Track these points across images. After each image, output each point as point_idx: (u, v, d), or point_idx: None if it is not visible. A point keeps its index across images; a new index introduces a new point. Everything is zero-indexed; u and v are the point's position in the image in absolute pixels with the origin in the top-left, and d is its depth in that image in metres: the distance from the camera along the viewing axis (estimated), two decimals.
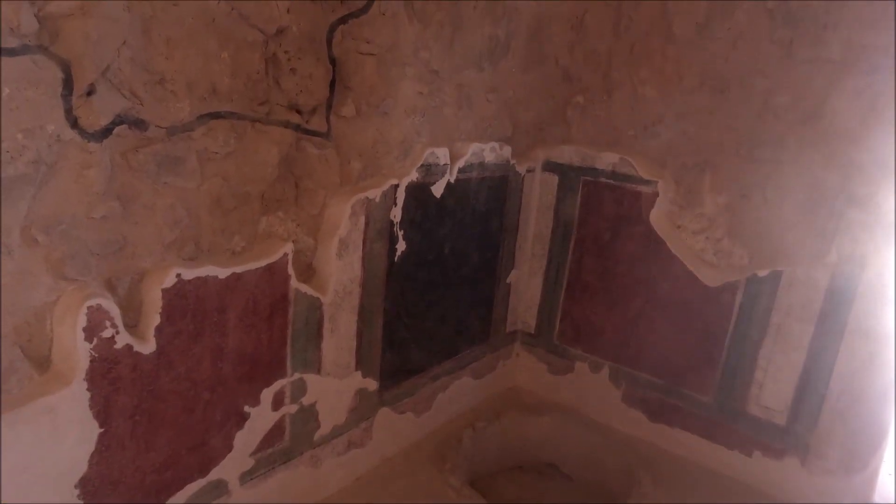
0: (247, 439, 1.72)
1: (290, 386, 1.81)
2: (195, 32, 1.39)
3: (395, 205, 1.97)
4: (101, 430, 1.36)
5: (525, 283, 2.74)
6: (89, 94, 1.25)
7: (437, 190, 2.13)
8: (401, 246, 2.04)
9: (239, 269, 1.57)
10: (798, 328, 2.09)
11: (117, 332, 1.34)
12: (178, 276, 1.44)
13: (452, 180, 2.18)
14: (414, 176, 2.02)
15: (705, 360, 2.31)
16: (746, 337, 2.20)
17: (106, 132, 1.29)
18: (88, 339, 1.29)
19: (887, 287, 1.92)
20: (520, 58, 2.37)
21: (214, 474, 1.66)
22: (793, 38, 2.01)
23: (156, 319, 1.41)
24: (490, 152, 2.33)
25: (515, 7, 2.26)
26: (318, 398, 1.92)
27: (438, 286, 2.28)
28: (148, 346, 1.42)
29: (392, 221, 1.98)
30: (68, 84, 1.21)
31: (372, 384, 2.11)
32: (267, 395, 1.75)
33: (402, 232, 2.02)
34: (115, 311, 1.34)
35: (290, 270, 1.70)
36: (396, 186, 1.96)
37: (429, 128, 2.09)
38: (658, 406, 2.46)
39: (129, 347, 1.37)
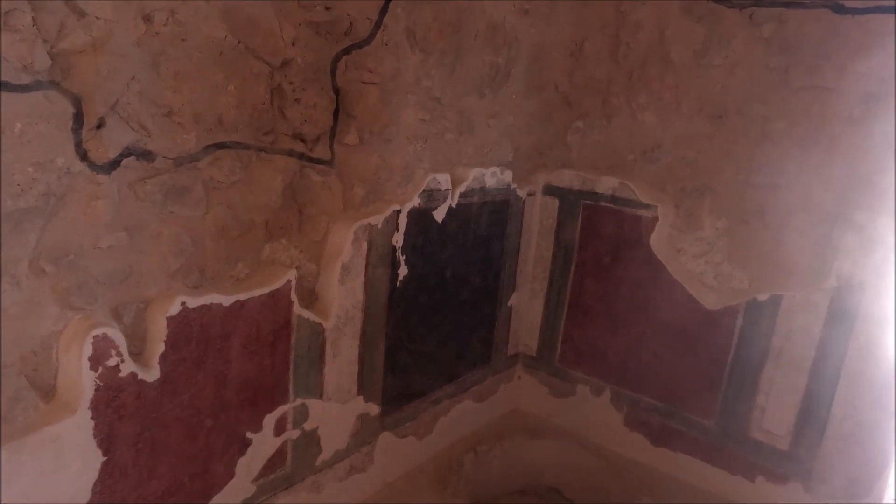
0: (249, 465, 1.72)
1: (293, 411, 1.82)
2: (203, 66, 1.42)
3: (398, 230, 2.00)
4: (105, 458, 1.37)
5: (526, 306, 2.75)
6: (99, 127, 1.28)
7: (439, 215, 2.15)
8: (403, 271, 2.06)
9: (243, 297, 1.59)
10: (799, 352, 2.10)
11: (122, 361, 1.35)
12: (183, 304, 1.45)
13: (454, 205, 2.20)
14: (416, 201, 2.04)
15: (707, 384, 2.31)
16: (747, 361, 2.20)
17: (114, 164, 1.32)
18: (94, 367, 1.31)
19: (888, 312, 1.93)
20: (520, 84, 2.41)
21: (216, 501, 1.66)
22: (788, 65, 2.05)
23: (160, 347, 1.43)
24: (491, 177, 2.36)
25: (515, 36, 2.30)
26: (320, 423, 1.92)
27: (440, 310, 2.29)
28: (152, 374, 1.43)
29: (394, 247, 2.00)
30: (79, 118, 1.24)
31: (374, 409, 2.11)
32: (269, 420, 1.75)
33: (403, 257, 2.04)
34: (121, 340, 1.35)
35: (293, 297, 1.72)
36: (398, 212, 1.98)
37: (430, 154, 2.12)
38: (660, 430, 2.46)
39: (133, 375, 1.39)
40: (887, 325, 1.95)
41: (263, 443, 1.75)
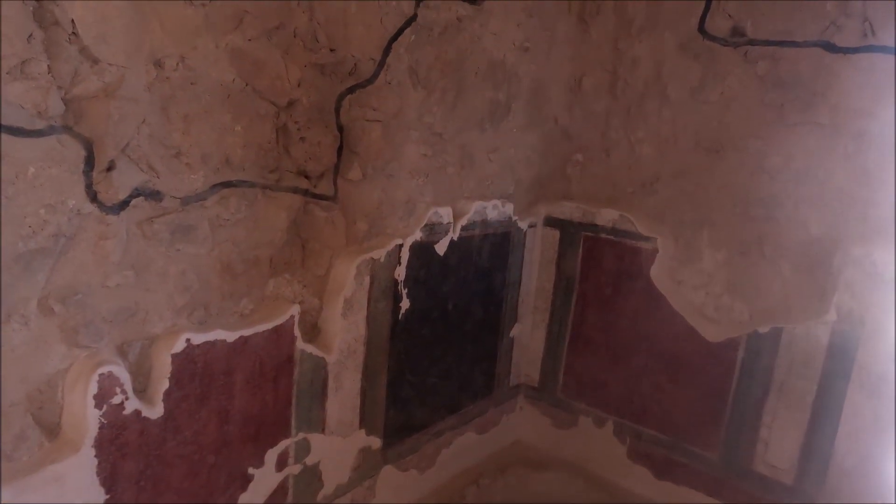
0: (250, 501, 1.72)
1: (294, 446, 1.82)
2: (211, 108, 1.47)
3: (400, 264, 2.02)
4: (107, 496, 1.37)
5: (528, 337, 2.76)
6: (109, 169, 1.31)
7: (441, 248, 2.18)
8: (405, 304, 2.07)
9: (246, 332, 1.61)
10: (801, 385, 2.10)
11: (127, 398, 1.37)
12: (188, 340, 1.47)
13: (455, 238, 2.23)
14: (418, 235, 2.07)
15: (710, 417, 2.31)
16: (750, 394, 2.20)
17: (123, 204, 1.35)
18: (98, 405, 1.32)
19: (888, 346, 1.94)
20: (520, 118, 2.45)
21: None
22: (783, 102, 2.09)
23: (164, 384, 1.44)
24: (492, 209, 2.39)
25: (515, 72, 2.36)
26: (322, 458, 1.92)
27: (442, 342, 2.30)
28: (156, 411, 1.44)
29: (396, 280, 2.02)
30: (90, 161, 1.28)
31: (375, 442, 2.11)
32: (271, 455, 1.75)
33: (406, 290, 2.06)
34: (126, 377, 1.37)
35: (297, 331, 1.73)
36: (401, 246, 2.01)
37: (432, 188, 2.15)
38: (664, 463, 2.44)
39: (137, 413, 1.40)
40: (888, 360, 1.95)
41: (265, 478, 1.75)
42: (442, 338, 2.29)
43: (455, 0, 2.03)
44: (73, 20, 1.21)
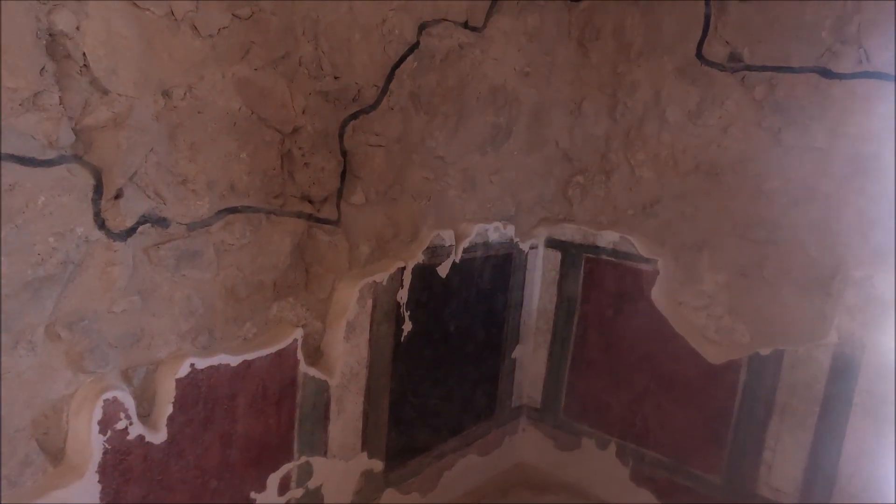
0: None
1: (297, 470, 1.82)
2: (217, 136, 1.49)
3: (402, 287, 2.03)
4: None
5: (530, 358, 2.76)
6: (117, 197, 1.34)
7: (443, 270, 2.19)
8: (407, 326, 2.08)
9: (250, 357, 1.62)
10: (803, 408, 2.09)
11: (131, 424, 1.38)
12: (192, 365, 1.48)
13: (457, 260, 2.24)
14: (420, 258, 2.08)
15: (712, 439, 2.30)
16: (752, 416, 2.20)
17: (130, 231, 1.37)
18: (103, 431, 1.33)
19: (890, 369, 1.94)
20: (521, 141, 2.48)
21: None
22: (780, 126, 2.12)
23: (168, 409, 1.45)
24: (494, 231, 2.41)
25: (516, 96, 2.39)
26: (324, 481, 1.91)
27: (444, 364, 2.30)
28: (159, 436, 1.44)
29: (399, 303, 2.03)
30: (99, 189, 1.30)
31: (378, 465, 2.10)
32: (273, 479, 1.75)
33: (408, 313, 2.07)
34: (130, 403, 1.38)
35: (300, 355, 1.74)
36: (403, 269, 2.02)
37: (434, 211, 2.17)
38: (667, 486, 2.43)
39: (141, 438, 1.40)
40: (890, 383, 1.95)
41: (267, 503, 1.74)
42: (444, 360, 2.29)
43: (457, 27, 2.07)
44: (84, 53, 1.24)
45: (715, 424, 2.28)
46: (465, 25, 2.10)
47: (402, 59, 1.91)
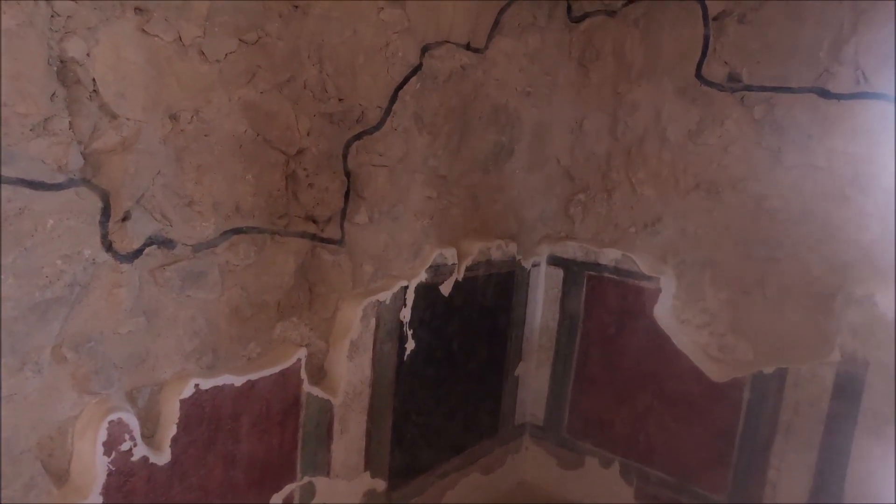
0: None
1: (300, 490, 1.81)
2: (223, 158, 1.51)
3: (405, 305, 2.04)
4: None
5: (533, 376, 2.75)
6: (124, 219, 1.35)
7: (446, 289, 2.20)
8: (410, 345, 2.09)
9: (254, 377, 1.62)
10: (808, 427, 2.08)
11: (135, 445, 1.38)
12: (196, 386, 1.49)
13: (460, 278, 2.25)
14: (423, 277, 2.09)
15: (717, 458, 2.29)
16: (757, 435, 2.19)
17: (137, 253, 1.38)
18: (107, 452, 1.33)
19: (893, 388, 1.93)
20: (523, 159, 2.51)
21: None
22: (780, 145, 2.13)
23: (172, 430, 1.45)
24: (496, 250, 2.42)
25: (518, 116, 2.42)
26: (327, 501, 1.90)
27: (447, 382, 2.30)
28: (163, 457, 1.44)
29: (402, 322, 2.04)
30: (106, 212, 1.32)
31: (380, 484, 2.10)
32: (276, 500, 1.75)
33: (411, 331, 2.08)
34: (135, 424, 1.38)
35: (303, 375, 1.75)
36: (406, 288, 2.03)
37: (437, 230, 2.19)
38: None
39: (145, 459, 1.41)
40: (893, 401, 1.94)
41: None
42: (447, 378, 2.29)
43: (459, 49, 2.10)
44: (94, 79, 1.26)
45: (719, 443, 2.28)
46: (468, 47, 2.13)
47: (406, 81, 1.94)
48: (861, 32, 1.95)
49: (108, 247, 1.33)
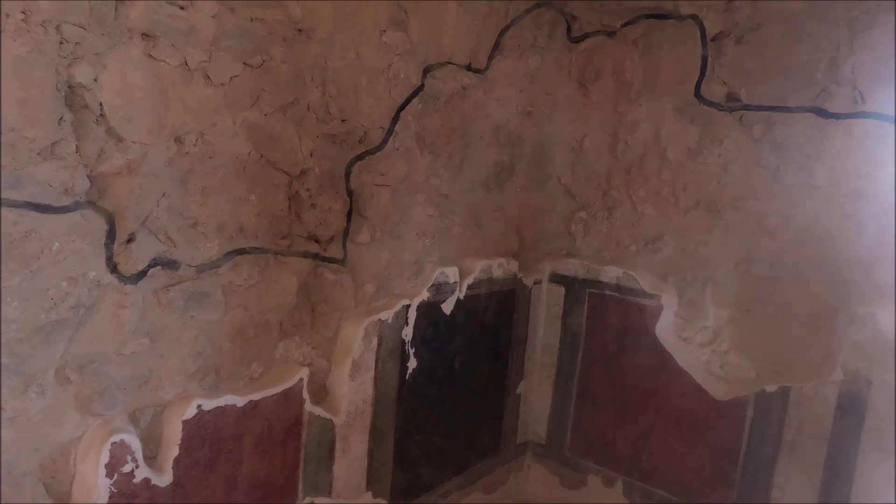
0: None
1: None
2: (227, 180, 1.53)
3: (407, 324, 2.04)
4: None
5: (535, 393, 2.75)
6: (129, 241, 1.37)
7: (448, 307, 2.20)
8: (412, 364, 2.09)
9: (256, 397, 1.62)
10: (812, 446, 2.07)
11: (137, 466, 1.38)
12: (199, 406, 1.49)
13: (462, 297, 2.26)
14: (425, 295, 2.10)
15: (720, 477, 2.27)
16: (761, 454, 2.18)
17: (141, 274, 1.39)
18: (109, 474, 1.33)
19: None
20: (524, 178, 2.52)
21: None
22: (779, 164, 2.15)
23: (174, 451, 1.45)
24: (498, 268, 2.42)
25: (519, 135, 2.44)
26: None
27: (449, 400, 2.30)
28: (165, 479, 1.44)
29: (404, 340, 2.04)
30: (111, 234, 1.33)
31: None
32: None
33: (413, 350, 2.08)
34: (137, 445, 1.38)
35: (305, 394, 1.75)
36: (408, 306, 2.04)
37: (439, 248, 2.20)
38: None
39: (147, 481, 1.40)
40: None
41: None
42: (449, 396, 2.29)
43: (460, 70, 2.13)
44: (101, 103, 1.28)
45: (723, 462, 2.26)
46: (469, 68, 2.16)
47: (408, 102, 1.96)
48: (857, 53, 1.98)
49: (113, 268, 1.34)
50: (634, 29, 2.44)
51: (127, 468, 1.36)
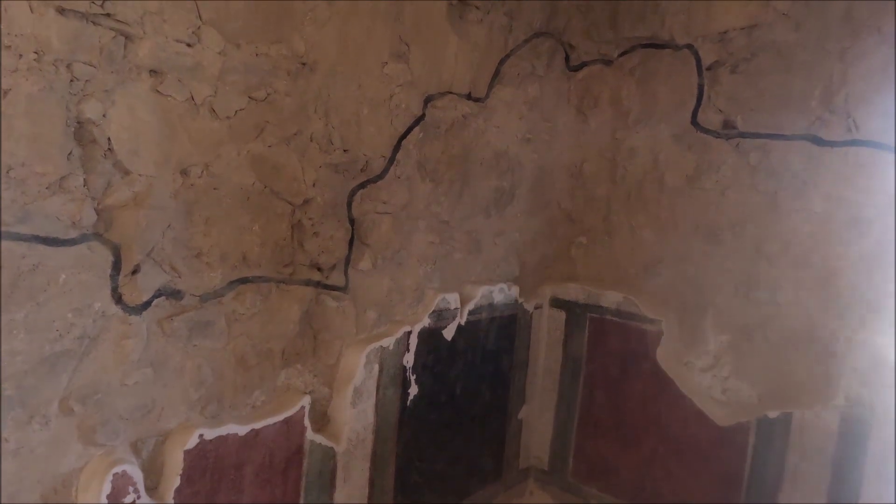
0: None
1: None
2: (231, 210, 1.55)
3: (408, 351, 2.05)
4: None
5: (537, 419, 2.74)
6: (134, 272, 1.38)
7: (449, 333, 2.21)
8: (413, 390, 2.09)
9: (258, 425, 1.63)
10: (815, 472, 2.06)
11: (138, 497, 1.38)
12: (201, 436, 1.49)
13: (463, 322, 2.26)
14: (426, 321, 2.11)
15: None
16: (764, 480, 2.17)
17: (146, 305, 1.41)
18: None
19: None
20: (524, 203, 2.55)
21: None
22: (776, 190, 2.17)
23: (176, 482, 1.45)
24: (499, 293, 2.44)
25: (519, 161, 2.47)
26: None
27: (450, 426, 2.29)
28: None
29: (405, 367, 2.05)
30: (117, 265, 1.35)
31: None
32: None
33: (414, 376, 2.08)
34: (139, 476, 1.38)
35: (307, 422, 1.75)
36: (409, 333, 2.05)
37: (440, 274, 2.21)
38: None
39: None
40: None
41: None
42: (450, 422, 2.29)
43: (460, 99, 2.17)
44: (109, 138, 1.31)
45: (726, 489, 2.25)
46: (469, 97, 2.20)
47: (409, 131, 2.00)
48: (851, 82, 2.01)
49: (118, 299, 1.35)
50: (631, 58, 2.49)
51: (129, 499, 1.36)
